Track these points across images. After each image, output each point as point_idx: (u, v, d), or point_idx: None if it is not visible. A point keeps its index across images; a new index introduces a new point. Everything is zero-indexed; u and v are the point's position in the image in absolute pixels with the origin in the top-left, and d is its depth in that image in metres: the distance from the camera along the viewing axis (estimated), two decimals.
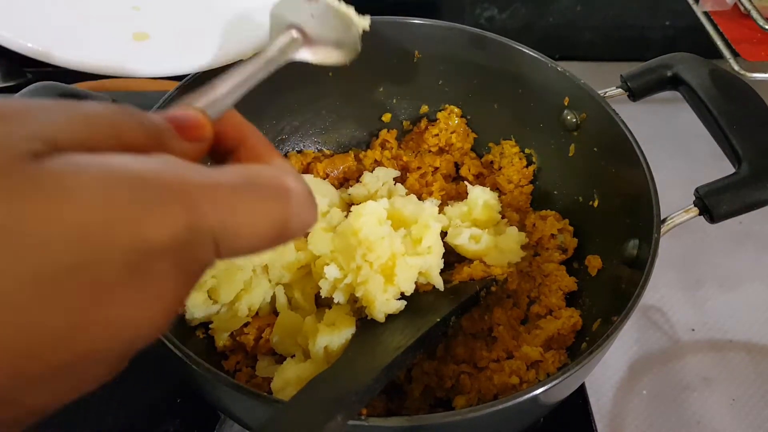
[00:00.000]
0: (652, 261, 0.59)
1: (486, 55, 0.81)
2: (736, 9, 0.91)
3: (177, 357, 0.52)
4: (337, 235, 0.66)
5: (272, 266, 0.69)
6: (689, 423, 0.78)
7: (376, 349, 0.58)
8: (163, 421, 0.72)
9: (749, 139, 0.64)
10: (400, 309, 0.64)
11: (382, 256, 0.63)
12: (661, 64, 0.73)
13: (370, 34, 0.82)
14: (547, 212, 0.79)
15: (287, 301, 0.71)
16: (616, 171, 0.72)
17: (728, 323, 0.88)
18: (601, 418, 0.78)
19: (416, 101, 0.89)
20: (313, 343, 0.62)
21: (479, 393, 0.63)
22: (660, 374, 0.82)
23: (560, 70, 0.76)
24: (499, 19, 1.20)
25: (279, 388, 0.61)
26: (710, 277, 0.93)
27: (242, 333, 0.68)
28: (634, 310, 0.57)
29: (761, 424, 0.78)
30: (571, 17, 1.20)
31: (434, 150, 0.87)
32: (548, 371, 0.63)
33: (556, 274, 0.73)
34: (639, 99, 0.74)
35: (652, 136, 0.77)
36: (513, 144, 0.85)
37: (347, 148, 0.90)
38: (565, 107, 0.77)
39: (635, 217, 0.66)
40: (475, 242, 0.72)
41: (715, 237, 0.97)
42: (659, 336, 0.86)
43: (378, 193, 0.80)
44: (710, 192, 0.62)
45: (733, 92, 0.68)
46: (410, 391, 0.65)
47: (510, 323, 0.70)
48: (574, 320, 0.67)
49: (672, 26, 1.20)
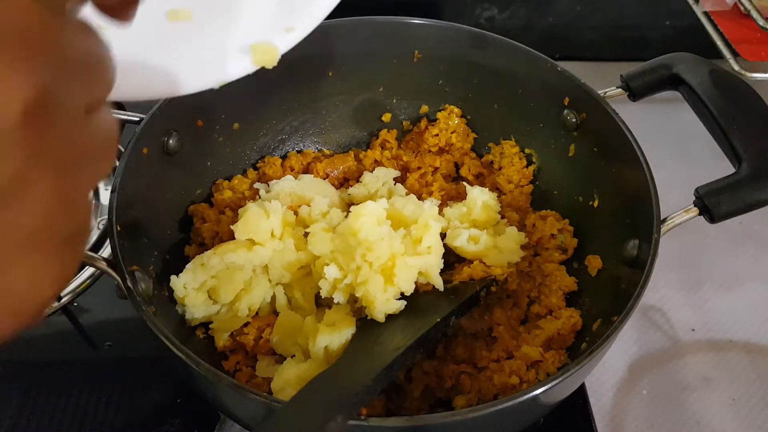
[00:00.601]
0: (652, 261, 0.59)
1: (486, 55, 0.81)
2: (736, 9, 0.91)
3: (177, 357, 0.52)
4: (337, 236, 0.66)
5: (272, 266, 0.69)
6: (689, 423, 0.78)
7: (376, 349, 0.58)
8: (163, 421, 0.72)
9: (749, 139, 0.64)
10: (400, 309, 0.64)
11: (381, 256, 0.63)
12: (661, 64, 0.73)
13: (370, 34, 0.83)
14: (547, 212, 0.79)
15: (287, 301, 0.71)
16: (616, 171, 0.72)
17: (728, 323, 0.88)
18: (601, 418, 0.78)
19: (416, 101, 0.89)
20: (313, 343, 0.62)
21: (479, 393, 0.63)
22: (660, 374, 0.82)
23: (560, 70, 0.76)
24: (499, 19, 1.20)
25: (279, 388, 0.61)
26: (710, 277, 0.93)
27: (242, 333, 0.68)
28: (634, 310, 0.57)
29: (761, 424, 0.78)
30: (571, 17, 1.20)
31: (434, 150, 0.87)
32: (548, 371, 0.63)
33: (556, 274, 0.73)
34: (639, 99, 0.74)
35: (652, 136, 0.77)
36: (513, 144, 0.85)
37: (347, 148, 0.90)
38: (565, 107, 0.77)
39: (635, 217, 0.66)
40: (474, 243, 0.72)
41: (715, 237, 0.97)
42: (659, 336, 0.86)
43: (378, 193, 0.80)
44: (710, 192, 0.62)
45: (733, 92, 0.68)
46: (410, 391, 0.65)
47: (510, 323, 0.70)
48: (574, 320, 0.67)
49: (672, 26, 1.20)
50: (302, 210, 0.74)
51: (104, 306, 0.83)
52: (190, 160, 0.76)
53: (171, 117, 0.71)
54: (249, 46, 0.51)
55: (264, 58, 0.51)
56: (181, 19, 0.53)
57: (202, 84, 0.51)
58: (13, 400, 0.73)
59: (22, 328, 0.28)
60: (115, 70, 0.29)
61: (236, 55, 0.51)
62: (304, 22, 0.53)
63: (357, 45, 0.82)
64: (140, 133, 0.68)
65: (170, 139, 0.72)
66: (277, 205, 0.70)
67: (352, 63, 0.83)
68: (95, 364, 0.78)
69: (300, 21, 0.53)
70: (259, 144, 0.85)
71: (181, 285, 0.66)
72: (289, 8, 0.54)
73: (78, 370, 0.77)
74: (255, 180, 0.82)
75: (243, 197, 0.79)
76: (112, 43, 0.28)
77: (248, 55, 0.51)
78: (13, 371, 0.77)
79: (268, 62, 0.52)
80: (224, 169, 0.82)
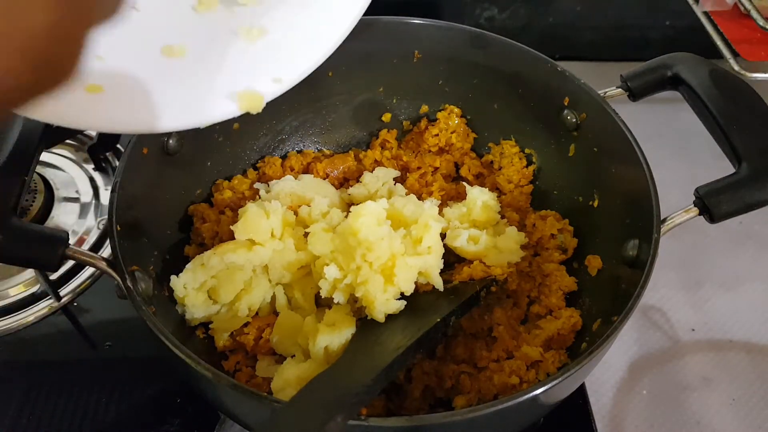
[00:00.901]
0: (652, 261, 0.59)
1: (486, 54, 0.81)
2: (736, 9, 0.91)
3: (177, 357, 0.52)
4: (337, 236, 0.66)
5: (272, 266, 0.69)
6: (689, 423, 0.78)
7: (376, 349, 0.58)
8: (163, 421, 0.72)
9: (749, 139, 0.64)
10: (400, 309, 0.64)
11: (381, 256, 0.63)
12: (661, 64, 0.73)
13: (370, 34, 0.83)
14: (547, 212, 0.79)
15: (287, 301, 0.71)
16: (616, 171, 0.72)
17: (728, 323, 0.88)
18: (601, 418, 0.78)
19: (416, 101, 0.89)
20: (313, 343, 0.62)
21: (479, 393, 0.63)
22: (660, 374, 0.82)
23: (560, 70, 0.76)
24: (499, 19, 1.20)
25: (279, 388, 0.61)
26: (710, 278, 0.93)
27: (242, 333, 0.68)
28: (634, 310, 0.57)
29: (761, 424, 0.78)
30: (571, 17, 1.20)
31: (434, 150, 0.87)
32: (548, 371, 0.63)
33: (556, 274, 0.73)
34: (639, 99, 0.74)
35: (652, 136, 0.77)
36: (513, 144, 0.85)
37: (347, 148, 0.90)
38: (565, 107, 0.77)
39: (635, 217, 0.66)
40: (474, 243, 0.72)
41: (715, 237, 0.97)
42: (659, 336, 0.86)
43: (378, 193, 0.80)
44: (710, 192, 0.62)
45: (733, 92, 0.68)
46: (410, 391, 0.65)
47: (510, 323, 0.70)
48: (574, 320, 0.67)
49: (672, 26, 1.20)
50: (302, 210, 0.74)
51: (104, 306, 0.83)
52: (190, 160, 0.76)
53: None
54: (236, 93, 0.52)
55: (250, 105, 0.52)
56: (175, 55, 0.53)
57: (186, 122, 0.52)
58: (13, 400, 0.73)
59: None
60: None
61: (223, 98, 0.52)
62: (292, 74, 0.55)
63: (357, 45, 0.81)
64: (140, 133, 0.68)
65: (170, 139, 0.72)
66: (277, 205, 0.70)
67: (352, 63, 0.83)
68: (95, 364, 0.78)
69: (288, 72, 0.55)
70: (259, 144, 0.85)
71: (181, 285, 0.66)
72: (279, 57, 0.55)
73: (78, 370, 0.78)
74: (255, 180, 0.82)
75: (243, 197, 0.79)
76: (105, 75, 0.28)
77: (235, 101, 0.52)
78: (13, 371, 0.77)
79: (253, 109, 0.53)
80: (224, 169, 0.82)
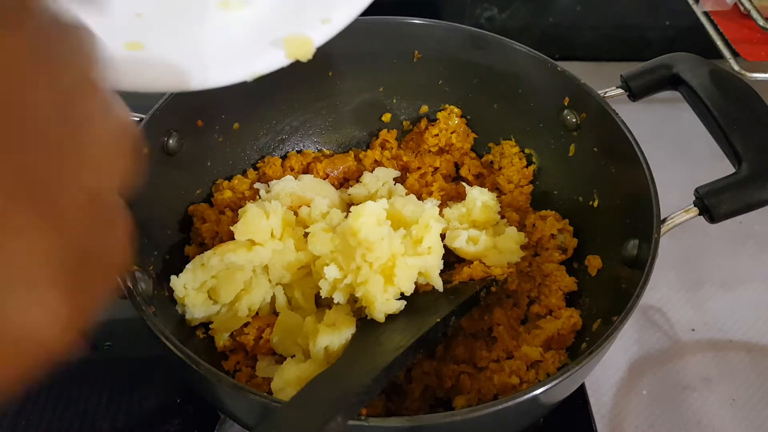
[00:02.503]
0: (652, 261, 0.59)
1: (486, 55, 0.81)
2: (736, 9, 0.91)
3: (177, 357, 0.52)
4: (337, 236, 0.66)
5: (272, 266, 0.69)
6: (689, 423, 0.78)
7: (376, 350, 0.58)
8: (163, 421, 0.72)
9: (749, 139, 0.64)
10: (400, 309, 0.64)
11: (381, 256, 0.63)
12: (661, 64, 0.73)
13: (370, 34, 0.83)
14: (547, 212, 0.79)
15: (287, 301, 0.71)
16: (616, 171, 0.72)
17: (728, 323, 0.88)
18: (601, 418, 0.78)
19: (416, 101, 0.89)
20: (314, 343, 0.62)
21: (479, 393, 0.63)
22: (660, 374, 0.82)
23: (560, 70, 0.76)
24: (499, 19, 1.20)
25: (279, 388, 0.61)
26: (710, 277, 0.92)
27: (242, 333, 0.68)
28: (634, 310, 0.57)
29: (761, 424, 0.78)
30: (571, 17, 1.20)
31: (434, 150, 0.87)
32: (548, 371, 0.63)
33: (556, 274, 0.73)
34: (639, 99, 0.74)
35: (652, 136, 0.77)
36: (513, 144, 0.85)
37: (347, 148, 0.90)
38: (565, 107, 0.77)
39: (635, 217, 0.66)
40: (474, 244, 0.72)
41: (715, 237, 0.97)
42: (659, 336, 0.86)
43: (378, 194, 0.80)
44: (710, 192, 0.62)
45: (733, 92, 0.68)
46: (410, 391, 0.65)
47: (510, 323, 0.70)
48: (574, 320, 0.67)
49: (672, 26, 1.20)
50: (302, 210, 0.74)
51: (104, 306, 0.83)
52: (190, 160, 0.76)
53: (171, 117, 0.71)
54: (282, 39, 0.48)
55: (298, 51, 0.48)
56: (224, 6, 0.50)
57: (231, 77, 0.48)
58: (13, 400, 0.73)
59: (21, 379, 0.22)
60: None
61: (269, 46, 0.48)
62: (342, 12, 0.50)
63: (357, 45, 0.82)
64: (140, 133, 0.68)
65: (170, 139, 0.72)
66: (277, 205, 0.70)
67: (352, 63, 0.83)
68: (95, 364, 0.78)
69: (337, 11, 0.50)
70: (259, 144, 0.85)
71: (181, 285, 0.66)
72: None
73: (78, 370, 0.77)
74: (255, 180, 0.82)
75: (243, 197, 0.79)
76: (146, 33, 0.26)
77: (281, 49, 0.48)
78: None
79: (302, 55, 0.48)
80: (224, 169, 0.82)
